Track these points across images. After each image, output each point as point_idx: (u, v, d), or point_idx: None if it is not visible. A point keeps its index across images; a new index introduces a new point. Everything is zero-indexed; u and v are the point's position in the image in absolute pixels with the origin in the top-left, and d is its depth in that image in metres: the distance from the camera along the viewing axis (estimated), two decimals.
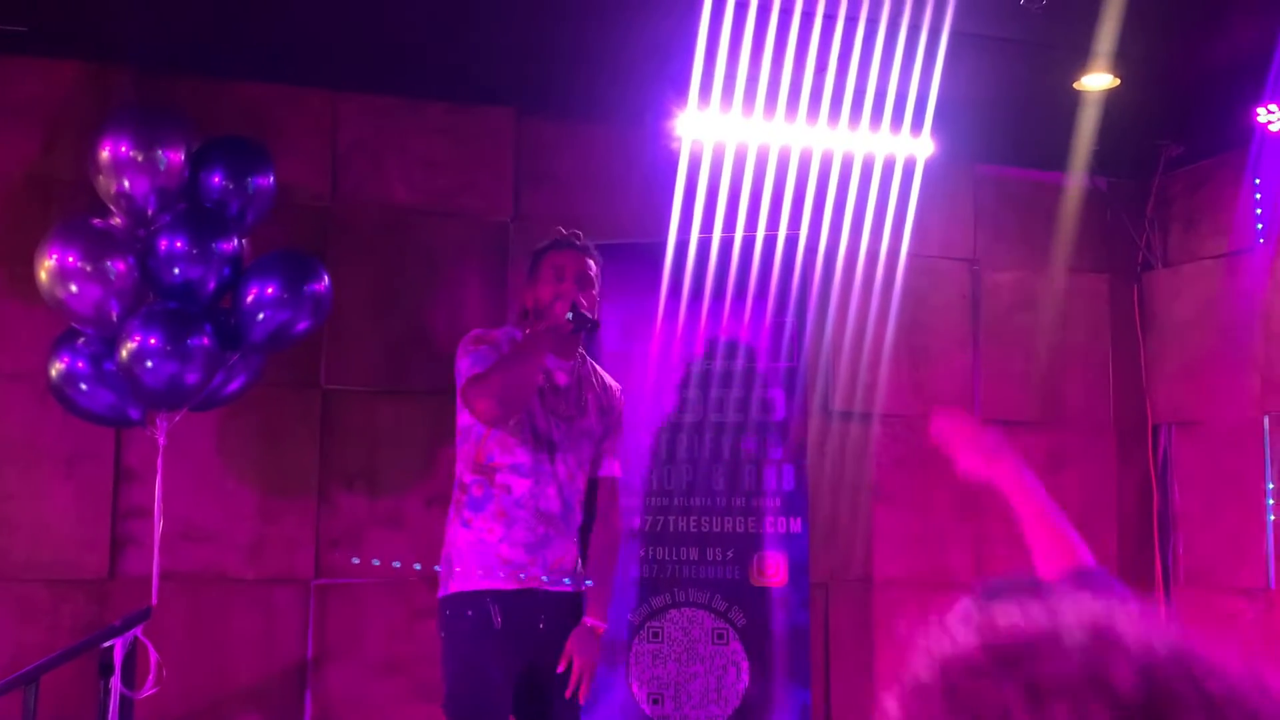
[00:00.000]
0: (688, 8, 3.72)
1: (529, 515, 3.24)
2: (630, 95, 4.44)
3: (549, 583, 3.26)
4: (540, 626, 3.25)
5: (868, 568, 4.87)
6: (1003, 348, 5.17)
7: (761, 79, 4.19)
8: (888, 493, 4.94)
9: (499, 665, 3.17)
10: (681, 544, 4.27)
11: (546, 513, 3.26)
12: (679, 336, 4.34)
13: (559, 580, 3.29)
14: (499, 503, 3.25)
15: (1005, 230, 5.25)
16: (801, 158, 4.66)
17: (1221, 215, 5.01)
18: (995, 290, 5.20)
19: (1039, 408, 5.18)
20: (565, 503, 3.30)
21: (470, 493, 3.29)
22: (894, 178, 4.77)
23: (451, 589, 3.25)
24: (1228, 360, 4.92)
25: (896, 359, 4.97)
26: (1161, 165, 5.15)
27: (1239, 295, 4.87)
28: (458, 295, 4.55)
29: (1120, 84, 4.42)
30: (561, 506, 3.29)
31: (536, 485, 3.25)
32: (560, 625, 3.27)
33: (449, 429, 3.37)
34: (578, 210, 4.67)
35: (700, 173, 4.50)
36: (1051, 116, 4.67)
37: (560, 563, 3.29)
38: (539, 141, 4.68)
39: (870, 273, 4.90)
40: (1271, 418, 4.74)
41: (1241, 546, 4.83)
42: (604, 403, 3.46)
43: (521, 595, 3.22)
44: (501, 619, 3.18)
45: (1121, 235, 5.32)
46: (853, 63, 4.06)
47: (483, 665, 3.16)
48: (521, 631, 3.21)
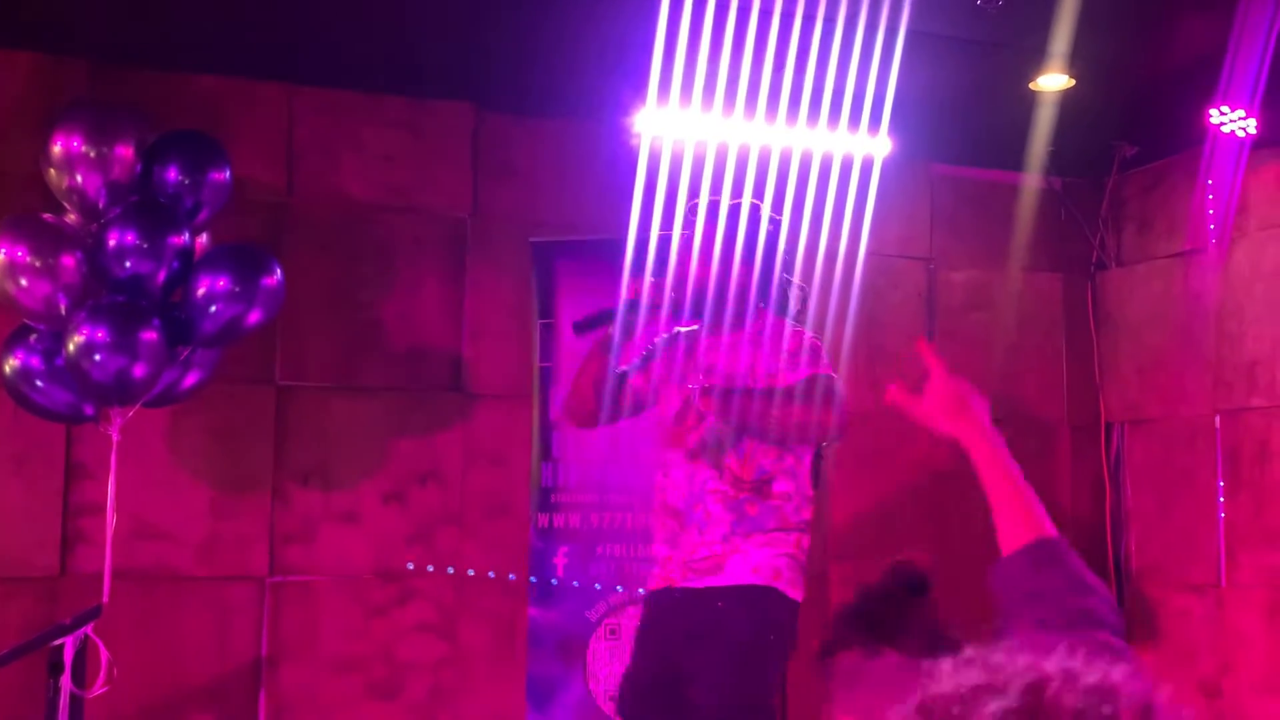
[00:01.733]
0: (646, 4, 3.71)
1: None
2: (590, 91, 4.42)
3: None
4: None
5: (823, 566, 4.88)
6: (958, 345, 5.19)
7: (720, 76, 4.19)
8: (846, 492, 4.96)
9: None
10: (638, 541, 4.27)
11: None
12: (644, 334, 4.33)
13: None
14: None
15: (961, 229, 5.28)
16: (760, 156, 4.66)
17: (1175, 215, 5.07)
18: (951, 288, 5.24)
19: (994, 405, 5.19)
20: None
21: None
22: (852, 176, 4.78)
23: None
24: (1180, 359, 4.98)
25: (853, 356, 4.98)
26: (1116, 166, 5.20)
27: (1192, 295, 4.93)
28: (415, 291, 4.53)
29: (1075, 84, 4.46)
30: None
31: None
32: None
33: (404, 424, 3.36)
34: (538, 206, 4.67)
35: (660, 169, 4.50)
36: (1007, 116, 4.71)
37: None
38: (498, 137, 4.66)
39: (827, 271, 4.91)
40: (1223, 416, 4.80)
41: (1193, 543, 4.89)
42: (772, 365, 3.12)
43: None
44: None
45: (1076, 235, 5.37)
46: (810, 60, 4.07)
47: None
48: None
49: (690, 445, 3.08)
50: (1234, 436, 4.75)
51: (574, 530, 4.32)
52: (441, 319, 4.53)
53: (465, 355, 4.54)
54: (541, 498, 4.35)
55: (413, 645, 4.37)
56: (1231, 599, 4.73)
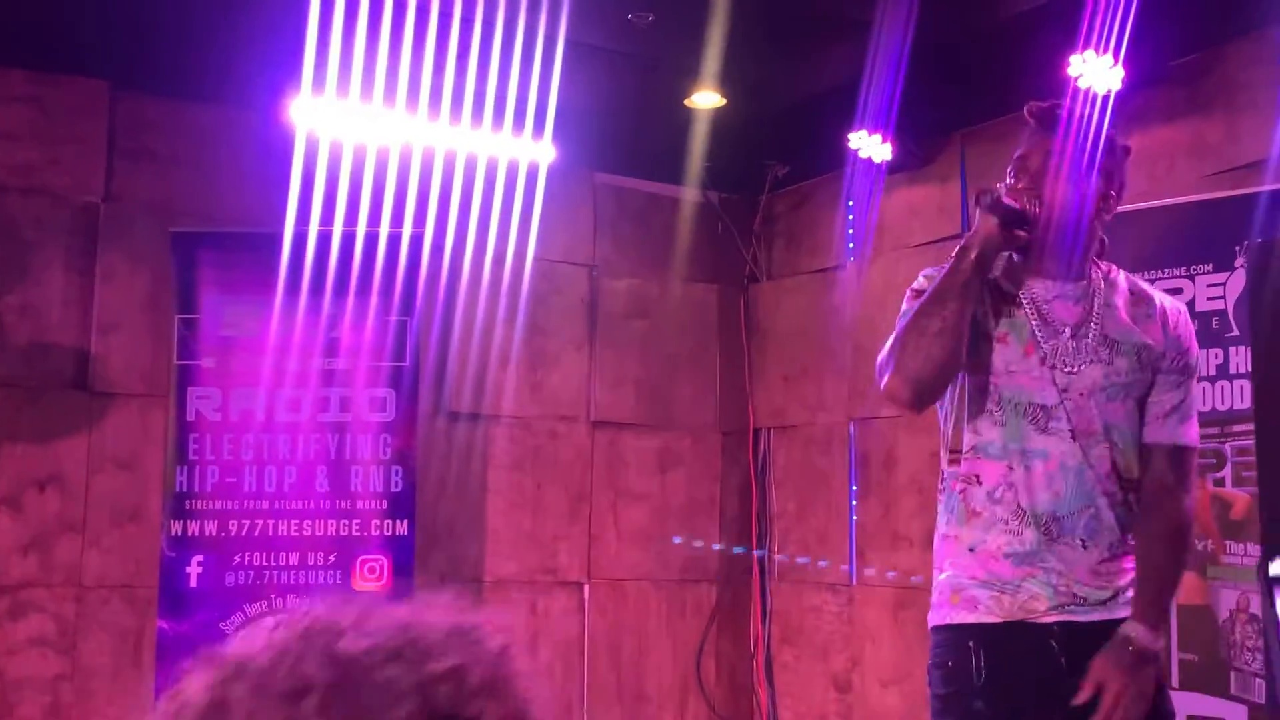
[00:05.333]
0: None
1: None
2: (241, 77, 4.23)
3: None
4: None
5: (479, 569, 4.87)
6: (618, 352, 5.30)
7: (379, 70, 4.10)
8: (502, 494, 4.96)
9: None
10: (280, 549, 4.11)
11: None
12: (289, 331, 4.17)
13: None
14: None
15: (624, 238, 5.39)
16: (424, 155, 4.60)
17: (819, 233, 5.35)
18: (612, 296, 5.33)
19: (650, 411, 5.35)
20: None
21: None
22: (518, 181, 4.79)
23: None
24: (821, 369, 5.26)
25: (515, 361, 5.00)
26: (768, 184, 5.45)
27: (832, 309, 5.21)
28: (40, 279, 4.20)
29: (728, 104, 4.63)
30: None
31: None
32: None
33: (20, 424, 3.09)
34: (182, 194, 4.43)
35: (318, 163, 4.35)
36: (665, 131, 4.84)
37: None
38: (137, 118, 4.38)
39: (491, 274, 4.90)
40: (856, 423, 5.10)
41: (828, 543, 5.17)
42: (1146, 335, 2.40)
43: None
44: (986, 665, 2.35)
45: (731, 248, 5.58)
46: (471, 62, 4.04)
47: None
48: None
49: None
50: (865, 443, 5.05)
51: (210, 538, 4.10)
52: (68, 310, 4.22)
53: (94, 350, 4.24)
54: (176, 504, 4.11)
55: (26, 662, 4.05)
56: (861, 597, 5.03)
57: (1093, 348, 2.34)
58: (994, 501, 2.34)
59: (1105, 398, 2.32)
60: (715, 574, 5.43)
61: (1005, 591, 2.31)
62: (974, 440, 2.37)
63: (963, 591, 2.35)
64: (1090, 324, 2.36)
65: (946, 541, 2.42)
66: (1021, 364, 2.34)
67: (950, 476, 2.42)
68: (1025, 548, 2.30)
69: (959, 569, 2.37)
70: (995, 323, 2.37)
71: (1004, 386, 2.34)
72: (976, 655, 2.31)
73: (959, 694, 2.33)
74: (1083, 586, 2.30)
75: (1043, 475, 2.31)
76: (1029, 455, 2.32)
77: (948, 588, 2.39)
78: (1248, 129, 3.77)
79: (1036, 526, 2.30)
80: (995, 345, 2.35)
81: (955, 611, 2.36)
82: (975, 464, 2.36)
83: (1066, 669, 2.26)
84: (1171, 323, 2.40)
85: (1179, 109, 3.96)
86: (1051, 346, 2.34)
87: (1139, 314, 2.39)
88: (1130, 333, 2.36)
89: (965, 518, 2.37)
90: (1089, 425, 2.31)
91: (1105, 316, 2.37)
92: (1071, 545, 2.30)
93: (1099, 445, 2.31)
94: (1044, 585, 2.30)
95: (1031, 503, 2.30)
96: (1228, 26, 3.78)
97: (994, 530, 2.33)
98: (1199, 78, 3.92)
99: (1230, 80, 3.84)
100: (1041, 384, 2.33)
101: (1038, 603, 2.30)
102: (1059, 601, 2.29)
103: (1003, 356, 2.35)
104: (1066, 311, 2.37)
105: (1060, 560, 2.29)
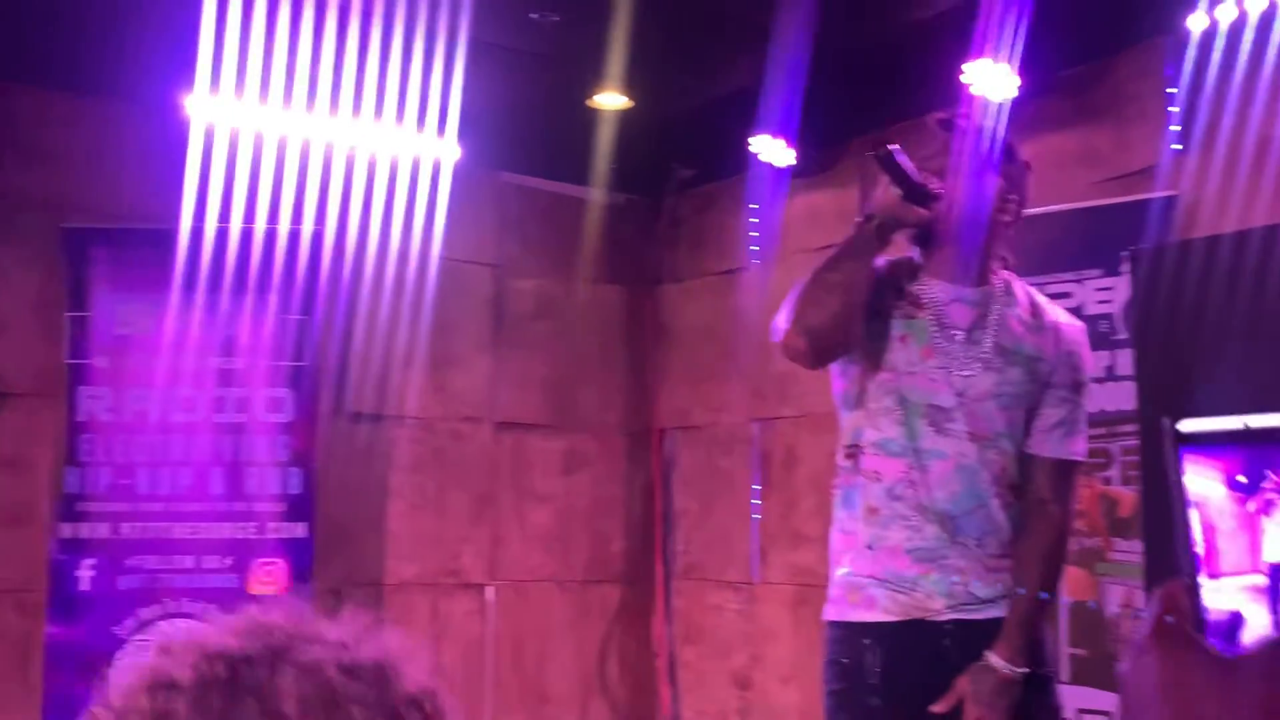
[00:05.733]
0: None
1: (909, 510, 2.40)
2: (135, 72, 4.13)
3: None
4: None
5: (380, 571, 4.82)
6: (522, 353, 5.29)
7: (277, 66, 4.04)
8: (404, 495, 4.91)
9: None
10: (174, 552, 4.03)
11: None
12: (185, 329, 4.10)
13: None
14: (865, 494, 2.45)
15: (529, 238, 5.37)
16: (325, 152, 4.54)
17: (724, 236, 5.39)
18: (518, 296, 5.31)
19: (555, 412, 5.34)
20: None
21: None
22: (421, 179, 4.75)
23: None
24: (725, 370, 5.30)
25: (417, 361, 4.95)
26: (674, 186, 5.47)
27: (736, 312, 5.26)
28: None
29: (633, 105, 4.65)
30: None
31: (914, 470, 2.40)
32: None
33: None
34: (75, 189, 4.32)
35: (215, 160, 4.28)
36: (571, 131, 4.84)
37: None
38: (24, 111, 4.26)
39: (394, 273, 4.85)
40: (759, 424, 5.14)
41: (731, 543, 5.22)
42: (1038, 349, 2.45)
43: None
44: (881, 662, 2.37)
45: (638, 250, 5.60)
46: (371, 58, 4.00)
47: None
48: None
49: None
50: (767, 443, 5.11)
51: (102, 541, 4.01)
52: None
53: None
54: (66, 506, 4.01)
55: None
56: (763, 595, 5.07)
57: (986, 355, 2.39)
58: (894, 498, 2.38)
59: (997, 405, 2.38)
60: (619, 575, 5.44)
61: (902, 590, 2.35)
62: (875, 437, 2.40)
63: (861, 590, 2.39)
64: (986, 331, 2.40)
65: (844, 537, 2.45)
66: (920, 365, 2.39)
67: (847, 472, 2.45)
68: (926, 543, 2.35)
69: (857, 567, 2.40)
70: (897, 323, 2.41)
71: (904, 386, 2.38)
72: (872, 652, 2.35)
73: (853, 690, 2.36)
74: (978, 585, 2.35)
75: (939, 475, 2.36)
76: (927, 454, 2.36)
77: (845, 585, 2.42)
78: (1135, 137, 3.89)
79: (937, 523, 2.35)
80: (896, 345, 2.39)
81: (852, 609, 2.39)
82: (874, 460, 2.40)
83: (958, 665, 2.31)
84: (1066, 340, 2.45)
85: (1069, 117, 4.07)
86: (947, 350, 2.38)
87: (1033, 326, 2.44)
88: (1022, 345, 2.41)
89: (865, 514, 2.40)
90: (983, 429, 2.36)
91: (1000, 326, 2.41)
92: (966, 544, 2.35)
93: (991, 449, 2.37)
94: (941, 584, 2.34)
95: (931, 500, 2.35)
96: (1116, 38, 3.89)
97: (894, 526, 2.37)
98: (1089, 87, 4.03)
99: (1119, 90, 3.96)
100: (939, 386, 2.37)
101: (933, 601, 2.34)
102: (955, 601, 2.34)
103: (903, 356, 2.39)
104: (962, 315, 2.41)
105: (958, 558, 2.34)
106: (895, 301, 2.42)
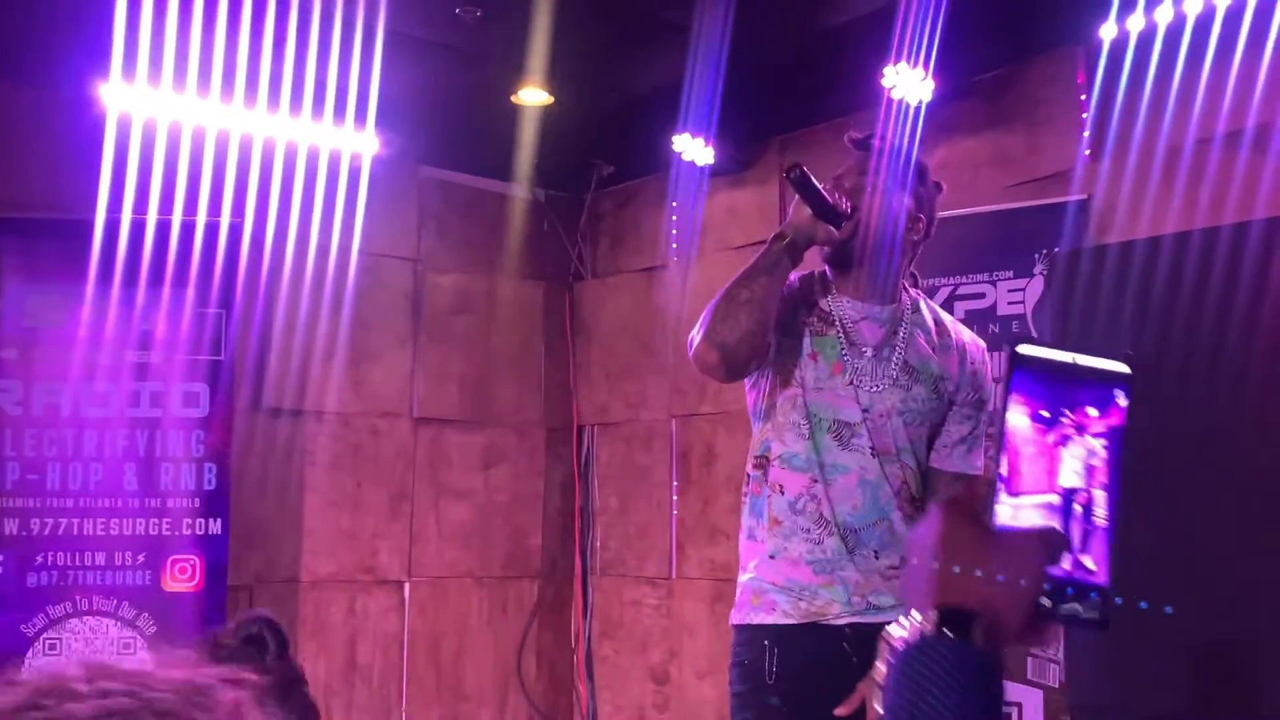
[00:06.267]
0: None
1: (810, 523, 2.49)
2: (47, 58, 4.05)
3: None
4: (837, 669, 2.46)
5: (296, 568, 4.77)
6: (442, 348, 5.27)
7: (193, 55, 3.98)
8: (320, 491, 4.87)
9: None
10: (86, 548, 3.96)
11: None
12: (99, 322, 4.02)
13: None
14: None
15: (449, 233, 5.35)
16: (242, 143, 4.48)
17: (643, 233, 5.42)
18: (437, 291, 5.29)
19: (474, 408, 5.33)
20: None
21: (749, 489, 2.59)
22: (341, 172, 4.71)
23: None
24: (645, 367, 5.33)
25: (336, 356, 4.91)
26: (594, 183, 5.49)
27: (655, 308, 5.29)
28: None
29: (554, 102, 4.65)
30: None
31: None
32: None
33: None
34: None
35: (130, 149, 4.19)
36: (492, 126, 4.83)
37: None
38: None
39: (311, 267, 4.80)
40: (678, 420, 5.19)
41: (649, 538, 5.25)
42: (944, 368, 2.56)
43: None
44: (780, 663, 2.46)
45: (558, 246, 5.61)
46: (288, 49, 3.96)
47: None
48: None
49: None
50: (685, 440, 5.15)
51: (11, 537, 3.92)
52: None
53: None
54: None
55: None
56: (680, 590, 5.12)
57: (894, 373, 2.48)
58: (796, 512, 2.46)
59: (903, 421, 2.48)
60: (537, 570, 5.44)
61: (803, 597, 2.44)
62: (780, 450, 2.49)
63: (763, 595, 2.48)
64: (894, 348, 2.49)
65: (750, 544, 2.54)
66: (829, 382, 2.47)
67: (756, 481, 2.54)
68: (826, 555, 2.43)
69: (760, 573, 2.49)
70: (807, 340, 2.49)
71: (811, 402, 2.46)
72: (771, 654, 2.43)
73: (755, 690, 2.45)
74: (876, 594, 2.44)
75: (843, 489, 2.44)
76: (831, 469, 2.45)
77: (749, 589, 2.51)
78: (1047, 142, 3.99)
79: (837, 536, 2.43)
80: (806, 361, 2.48)
81: (754, 612, 2.48)
82: (779, 474, 2.49)
83: (858, 668, 2.38)
84: (970, 359, 2.56)
85: (982, 122, 4.16)
86: (856, 366, 2.47)
87: (939, 345, 2.54)
88: (929, 363, 2.51)
89: (769, 525, 2.48)
90: (887, 445, 2.46)
91: (908, 344, 2.51)
92: (866, 555, 2.44)
93: (894, 464, 2.47)
94: (840, 594, 2.43)
95: (833, 513, 2.43)
96: (1029, 44, 3.99)
97: (795, 539, 2.46)
98: (1001, 92, 4.13)
99: (1030, 95, 4.06)
100: (846, 402, 2.46)
101: (832, 607, 2.43)
102: (853, 610, 2.43)
103: (812, 373, 2.47)
104: (871, 333, 2.50)
105: (857, 570, 2.43)
106: (806, 318, 2.50)
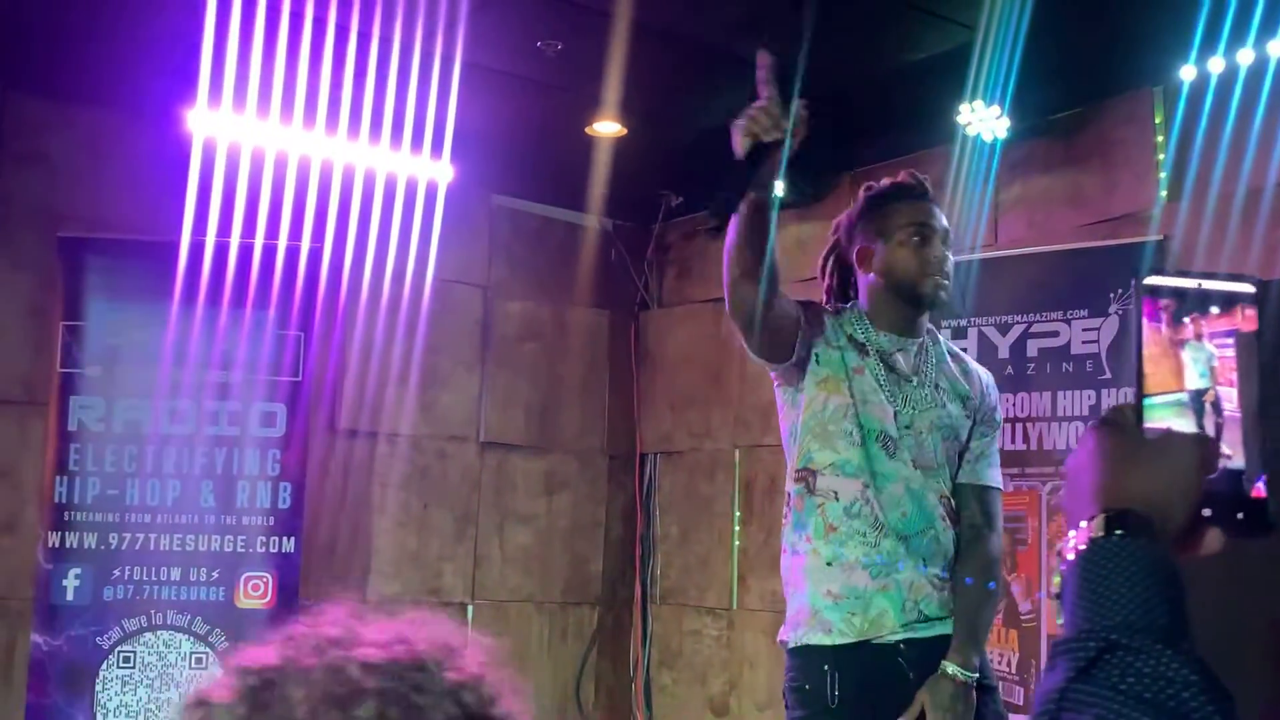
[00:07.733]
0: (190, 3, 3.55)
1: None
2: (136, 83, 4.16)
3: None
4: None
5: (363, 587, 4.84)
6: (509, 374, 5.33)
7: (277, 83, 4.08)
8: (389, 512, 4.94)
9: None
10: (162, 564, 4.04)
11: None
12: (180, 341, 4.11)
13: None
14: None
15: (518, 261, 5.42)
16: (322, 169, 4.57)
17: (709, 264, 5.44)
18: (505, 318, 5.36)
19: (539, 433, 5.38)
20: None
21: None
22: (417, 200, 4.79)
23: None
24: (709, 397, 5.36)
25: (407, 379, 4.99)
26: (662, 213, 5.54)
27: (720, 339, 5.32)
28: None
29: (628, 134, 4.71)
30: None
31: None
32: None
33: None
34: (72, 198, 4.34)
35: (214, 174, 4.30)
36: (565, 157, 4.89)
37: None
38: (26, 119, 4.28)
39: (386, 292, 4.89)
40: (741, 451, 5.20)
41: (710, 569, 5.26)
42: (968, 389, 2.71)
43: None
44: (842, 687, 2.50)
45: (624, 275, 5.66)
46: (369, 79, 4.04)
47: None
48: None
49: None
50: (749, 471, 5.16)
51: (90, 551, 4.01)
52: None
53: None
54: (54, 515, 4.01)
55: None
56: (741, 621, 5.12)
57: (928, 393, 2.61)
58: (851, 516, 2.51)
59: (940, 436, 2.59)
60: (597, 597, 5.47)
61: (856, 611, 2.47)
62: (831, 458, 2.54)
63: (818, 614, 2.50)
64: (925, 373, 2.64)
65: (798, 560, 2.57)
66: (874, 396, 2.56)
67: (797, 496, 2.58)
68: (882, 559, 2.49)
69: (815, 586, 2.52)
70: (851, 356, 2.59)
71: (861, 413, 2.55)
72: (832, 678, 2.47)
73: (818, 715, 2.48)
74: (926, 603, 2.50)
75: (892, 496, 2.52)
76: (881, 478, 2.52)
77: (804, 609, 2.53)
78: (1121, 182, 3.98)
79: (893, 537, 2.50)
80: (854, 376, 2.57)
81: (810, 633, 2.51)
82: (831, 481, 2.54)
83: (915, 684, 2.45)
84: (983, 384, 2.73)
85: (1057, 160, 4.16)
86: (895, 389, 2.58)
87: (958, 371, 2.70)
88: (957, 383, 2.66)
89: (823, 533, 2.52)
90: (928, 459, 2.56)
91: (937, 368, 2.66)
92: (916, 563, 2.51)
93: (934, 477, 2.57)
94: (894, 601, 2.48)
95: (886, 518, 2.50)
96: (1104, 85, 3.99)
97: (851, 543, 2.50)
98: (1077, 131, 4.13)
99: (1106, 135, 4.05)
100: (888, 418, 2.56)
101: (886, 619, 2.47)
102: (906, 619, 2.48)
103: (859, 387, 2.56)
104: (905, 362, 2.63)
105: (910, 573, 2.49)
106: (851, 347, 2.61)
